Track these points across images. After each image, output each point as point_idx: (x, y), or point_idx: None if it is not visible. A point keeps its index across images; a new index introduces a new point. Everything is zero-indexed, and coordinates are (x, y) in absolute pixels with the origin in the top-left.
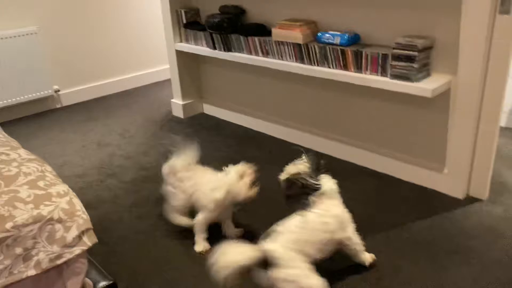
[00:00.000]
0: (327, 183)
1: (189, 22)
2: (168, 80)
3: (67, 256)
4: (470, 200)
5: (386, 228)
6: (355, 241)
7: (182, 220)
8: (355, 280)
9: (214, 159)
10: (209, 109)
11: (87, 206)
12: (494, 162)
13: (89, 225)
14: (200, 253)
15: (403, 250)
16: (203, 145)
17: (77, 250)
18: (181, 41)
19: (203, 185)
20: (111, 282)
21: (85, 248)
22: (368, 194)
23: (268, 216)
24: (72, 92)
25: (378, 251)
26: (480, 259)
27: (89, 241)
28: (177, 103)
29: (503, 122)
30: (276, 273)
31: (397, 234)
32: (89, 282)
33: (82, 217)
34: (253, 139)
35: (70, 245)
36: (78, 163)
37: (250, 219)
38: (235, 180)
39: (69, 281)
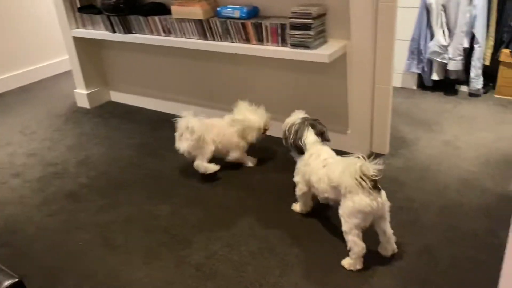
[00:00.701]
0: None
1: (84, 6)
2: (70, 71)
3: None
4: (374, 156)
5: None
6: None
7: (212, 167)
8: (273, 243)
9: (128, 146)
10: (117, 96)
11: None
12: (392, 120)
13: None
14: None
15: (316, 209)
16: (114, 134)
17: None
18: (77, 27)
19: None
20: (16, 280)
21: None
22: (280, 162)
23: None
24: None
25: (294, 213)
26: None
27: None
28: (81, 93)
29: (398, 83)
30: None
31: None
32: None
33: None
34: (167, 122)
35: None
36: None
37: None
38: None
39: None
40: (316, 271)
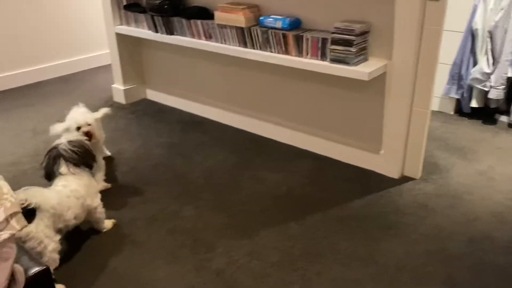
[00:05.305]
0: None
1: (129, 4)
2: (110, 65)
3: None
4: (405, 179)
5: (326, 206)
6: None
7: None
8: (295, 257)
9: (158, 145)
10: (152, 95)
11: None
12: (427, 144)
13: (18, 208)
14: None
15: (341, 227)
16: (146, 131)
17: (5, 234)
18: (121, 24)
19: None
20: (43, 267)
21: (13, 232)
22: (308, 175)
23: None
24: (5, 77)
25: (318, 228)
26: (411, 234)
27: (17, 225)
28: (119, 89)
29: (436, 106)
30: None
31: (335, 212)
32: (19, 268)
33: (10, 200)
34: (198, 124)
35: None
36: (11, 151)
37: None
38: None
39: None
40: None
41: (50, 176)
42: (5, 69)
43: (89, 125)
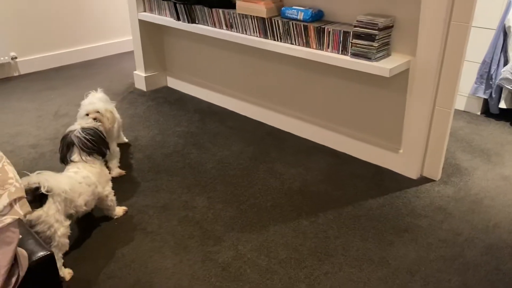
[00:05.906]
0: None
1: None
2: (132, 52)
3: None
4: (423, 180)
5: (340, 204)
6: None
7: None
8: (304, 255)
9: (174, 134)
10: (173, 83)
11: None
12: (449, 145)
13: (22, 193)
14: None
15: (353, 227)
16: (164, 119)
17: (8, 219)
18: (144, 11)
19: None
20: (48, 252)
21: (16, 217)
22: (324, 171)
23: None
24: (31, 60)
25: (330, 226)
26: (427, 237)
27: (21, 210)
28: (140, 75)
29: (462, 106)
30: None
31: (349, 211)
32: (23, 252)
33: (15, 185)
34: (216, 114)
35: (0, 214)
36: (33, 133)
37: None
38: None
39: None
40: None
41: (64, 161)
42: (32, 52)
43: (98, 112)
